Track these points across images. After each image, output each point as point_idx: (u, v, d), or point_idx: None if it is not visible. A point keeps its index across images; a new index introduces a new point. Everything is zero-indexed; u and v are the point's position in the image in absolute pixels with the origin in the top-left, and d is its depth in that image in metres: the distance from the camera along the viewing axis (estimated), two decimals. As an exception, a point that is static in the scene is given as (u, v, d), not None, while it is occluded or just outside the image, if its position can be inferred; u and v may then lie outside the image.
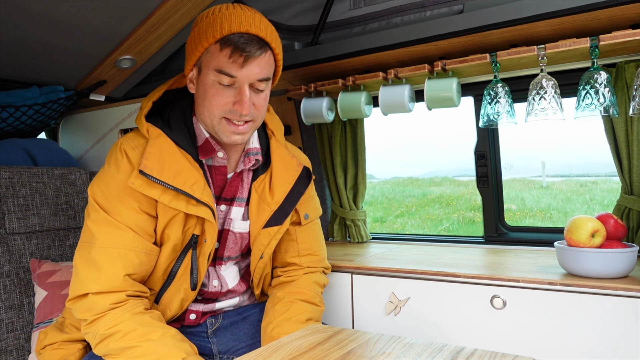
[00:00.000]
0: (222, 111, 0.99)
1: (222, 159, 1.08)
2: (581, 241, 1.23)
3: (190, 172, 1.00)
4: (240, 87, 0.98)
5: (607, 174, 8.14)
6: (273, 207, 1.09)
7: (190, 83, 1.06)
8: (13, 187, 1.48)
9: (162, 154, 0.99)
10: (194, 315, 1.15)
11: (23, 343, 1.38)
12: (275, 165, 1.12)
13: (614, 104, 1.34)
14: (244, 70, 0.96)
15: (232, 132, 1.00)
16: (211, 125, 1.02)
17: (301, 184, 1.14)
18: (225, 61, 0.95)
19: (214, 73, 0.97)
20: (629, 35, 1.25)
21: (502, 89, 1.47)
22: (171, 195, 0.98)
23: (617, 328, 1.16)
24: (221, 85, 0.97)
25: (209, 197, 1.01)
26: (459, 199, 8.45)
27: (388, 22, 1.60)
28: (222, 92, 0.98)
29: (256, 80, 0.98)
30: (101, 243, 0.98)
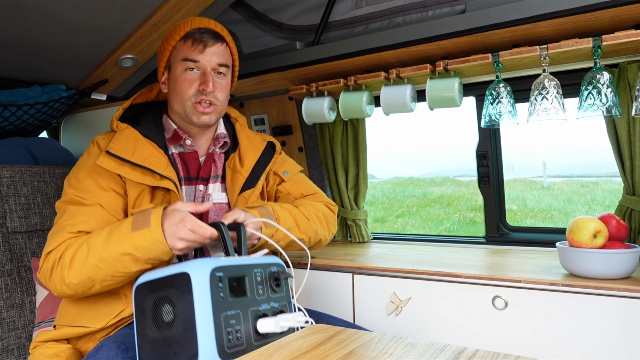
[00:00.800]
0: (191, 94, 1.16)
1: (191, 146, 1.23)
2: (583, 242, 1.22)
3: (155, 156, 1.14)
4: (203, 70, 1.16)
5: (608, 174, 8.14)
6: (245, 174, 1.24)
7: (162, 85, 1.24)
8: (14, 186, 1.48)
9: (128, 141, 1.14)
10: None
11: (24, 342, 1.38)
12: (242, 142, 1.29)
13: (616, 104, 1.34)
14: (204, 55, 1.15)
15: (200, 112, 1.17)
16: (183, 110, 1.18)
17: (267, 154, 1.31)
18: (188, 50, 1.16)
19: (181, 63, 1.16)
20: (632, 35, 1.25)
21: (504, 89, 1.47)
22: (138, 172, 1.12)
23: (619, 329, 1.15)
24: (188, 72, 1.16)
25: (172, 173, 1.14)
26: (460, 199, 8.45)
27: (390, 21, 1.59)
28: (189, 77, 1.16)
29: (217, 65, 1.17)
30: (68, 214, 1.10)
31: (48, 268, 1.04)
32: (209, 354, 0.79)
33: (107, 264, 0.99)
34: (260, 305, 0.91)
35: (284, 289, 0.97)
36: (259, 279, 0.93)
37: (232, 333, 0.83)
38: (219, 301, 0.83)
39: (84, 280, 1.01)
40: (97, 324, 1.09)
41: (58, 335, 1.12)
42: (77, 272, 1.01)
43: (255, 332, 0.87)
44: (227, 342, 0.82)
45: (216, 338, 0.80)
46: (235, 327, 0.84)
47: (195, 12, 1.56)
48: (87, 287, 1.03)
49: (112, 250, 0.99)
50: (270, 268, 0.96)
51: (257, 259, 0.96)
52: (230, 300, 0.85)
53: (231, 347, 0.82)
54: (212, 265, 0.86)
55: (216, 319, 0.81)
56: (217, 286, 0.84)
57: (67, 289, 1.03)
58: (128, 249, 0.97)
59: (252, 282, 0.91)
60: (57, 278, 1.03)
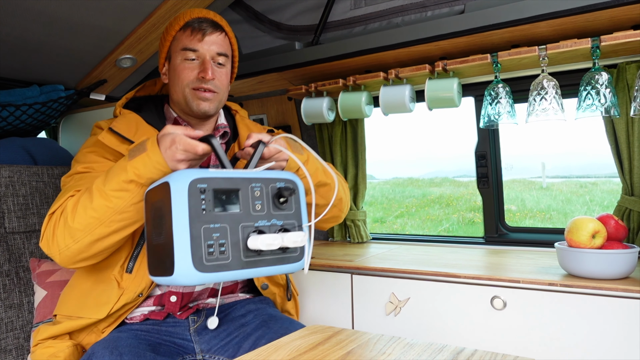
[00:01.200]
0: (190, 82, 1.15)
1: None
2: (582, 242, 1.22)
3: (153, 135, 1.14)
4: (203, 58, 1.16)
5: (606, 175, 8.15)
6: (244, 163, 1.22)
7: (163, 75, 1.25)
8: (13, 186, 1.47)
9: (129, 124, 1.16)
10: (174, 297, 1.15)
11: (22, 342, 1.37)
12: (242, 132, 1.30)
13: (615, 104, 1.34)
14: (203, 44, 1.15)
15: (199, 99, 1.16)
16: (183, 98, 1.17)
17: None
18: (188, 39, 1.16)
19: (181, 53, 1.16)
20: (630, 36, 1.25)
21: (503, 90, 1.47)
22: None
23: (618, 329, 1.15)
24: (187, 62, 1.16)
25: None
26: (459, 199, 8.46)
27: (389, 22, 1.59)
28: (189, 66, 1.16)
29: (215, 54, 1.17)
30: (74, 182, 1.08)
31: (51, 227, 1.01)
32: (184, 264, 0.78)
33: (114, 198, 0.95)
34: (258, 221, 0.86)
35: (292, 206, 0.91)
36: (258, 194, 0.87)
37: (213, 246, 0.81)
38: (198, 213, 0.80)
39: (90, 224, 0.96)
40: (97, 314, 1.08)
41: (59, 330, 1.11)
42: (82, 215, 0.97)
43: (245, 248, 0.84)
44: (207, 254, 0.80)
45: (192, 249, 0.78)
46: (218, 240, 0.81)
47: (194, 12, 1.57)
48: (94, 237, 0.97)
49: (114, 183, 0.94)
50: (275, 183, 0.90)
51: (258, 173, 0.90)
52: (214, 213, 0.82)
53: (211, 260, 0.80)
54: (193, 175, 0.82)
55: (193, 231, 0.79)
56: (198, 198, 0.81)
57: (72, 241, 0.98)
58: (130, 176, 0.93)
59: (247, 197, 0.86)
60: (61, 232, 0.99)
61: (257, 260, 0.85)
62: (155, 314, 1.16)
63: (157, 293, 1.16)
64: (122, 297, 1.09)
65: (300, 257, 0.91)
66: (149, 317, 1.15)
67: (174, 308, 1.16)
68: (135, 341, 1.06)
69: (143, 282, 1.11)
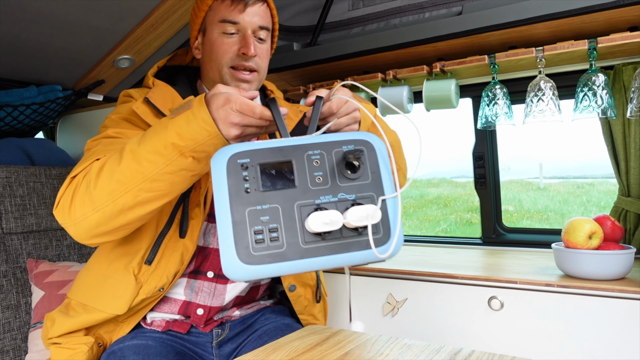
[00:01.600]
0: (229, 59, 1.04)
1: None
2: (578, 243, 1.23)
3: None
4: (244, 32, 1.05)
5: (603, 175, 8.17)
6: None
7: (195, 50, 1.13)
8: (10, 187, 1.47)
9: (165, 97, 1.04)
10: (201, 309, 1.07)
11: (20, 343, 1.37)
12: None
13: (611, 106, 1.34)
14: (245, 16, 1.03)
15: (239, 79, 1.05)
16: (219, 75, 1.06)
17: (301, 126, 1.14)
18: (227, 10, 1.04)
19: (218, 25, 1.04)
20: (627, 37, 1.26)
21: (501, 91, 1.48)
22: None
23: (614, 329, 1.16)
24: (226, 35, 1.04)
25: None
26: (457, 200, 8.47)
27: (387, 23, 1.60)
28: (228, 40, 1.04)
29: (257, 27, 1.05)
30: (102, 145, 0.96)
31: (70, 192, 0.87)
32: (228, 256, 0.67)
33: (147, 161, 0.80)
34: (319, 197, 0.70)
35: (368, 174, 0.72)
36: (317, 163, 0.71)
37: (262, 232, 0.67)
38: (240, 194, 0.68)
39: (115, 191, 0.82)
40: (116, 309, 0.98)
41: (76, 325, 1.01)
42: (106, 180, 0.82)
43: (304, 232, 0.68)
44: (254, 242, 0.67)
45: (235, 238, 0.66)
46: (268, 225, 0.68)
47: (192, 13, 1.57)
48: (117, 206, 0.83)
49: (150, 144, 0.80)
50: (339, 147, 0.73)
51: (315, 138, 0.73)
52: (262, 192, 0.68)
53: (261, 249, 0.67)
54: (233, 150, 0.70)
55: (236, 215, 0.67)
56: (240, 176, 0.68)
57: (92, 209, 0.83)
58: (170, 138, 0.79)
59: (304, 169, 0.71)
60: (80, 199, 0.85)
61: (321, 247, 0.69)
62: (178, 324, 1.08)
63: (183, 298, 1.07)
64: (142, 291, 0.99)
65: (385, 240, 0.71)
66: (172, 329, 1.07)
67: (199, 321, 1.08)
68: (164, 349, 1.00)
69: (164, 276, 1.00)
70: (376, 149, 0.74)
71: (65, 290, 1.39)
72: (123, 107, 1.06)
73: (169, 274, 1.01)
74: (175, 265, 1.02)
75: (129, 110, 1.04)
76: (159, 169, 0.81)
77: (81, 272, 1.11)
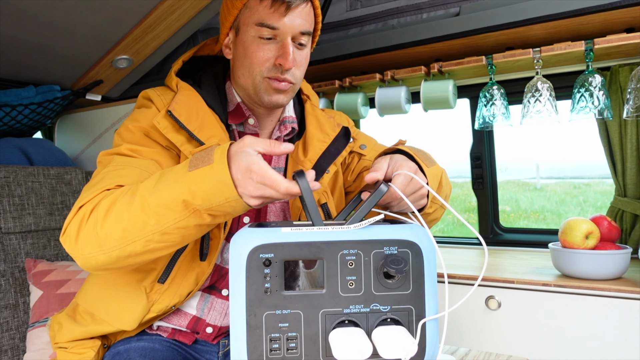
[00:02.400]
0: (265, 68, 0.93)
1: (253, 126, 1.02)
2: (575, 242, 1.24)
3: (216, 128, 0.94)
4: (282, 40, 0.92)
5: (600, 176, 8.19)
6: (308, 166, 1.00)
7: (226, 48, 1.00)
8: (8, 187, 1.47)
9: (189, 106, 0.94)
10: (210, 328, 1.03)
11: (18, 343, 1.37)
12: (310, 126, 1.05)
13: (608, 106, 1.35)
14: (285, 21, 0.90)
15: (274, 90, 0.94)
16: (252, 85, 0.95)
17: (339, 142, 1.06)
18: (266, 12, 0.90)
19: (254, 28, 0.92)
20: (623, 39, 1.27)
21: (498, 91, 1.49)
22: (193, 146, 0.92)
23: (611, 329, 1.17)
24: (262, 40, 0.92)
25: None
26: (454, 200, 8.47)
27: (384, 24, 1.60)
28: (264, 47, 0.92)
29: (299, 33, 0.92)
30: (115, 164, 0.88)
31: (76, 225, 0.80)
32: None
33: (157, 215, 0.73)
34: (349, 305, 0.61)
35: (409, 284, 0.62)
36: (351, 264, 0.61)
37: (278, 340, 0.60)
38: (259, 295, 0.60)
39: (123, 239, 0.76)
40: (125, 325, 0.94)
41: (85, 334, 0.98)
42: (114, 225, 0.76)
43: (327, 344, 0.60)
44: (268, 351, 0.60)
45: (247, 344, 0.59)
46: (287, 333, 0.60)
47: (190, 14, 1.57)
48: (125, 253, 0.77)
49: (161, 197, 0.73)
50: (379, 248, 0.62)
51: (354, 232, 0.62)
52: (283, 294, 0.60)
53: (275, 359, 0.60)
54: (255, 241, 0.61)
55: (251, 319, 0.60)
56: (261, 273, 0.60)
57: (99, 251, 0.77)
58: (182, 194, 0.71)
59: (335, 270, 0.61)
60: (86, 237, 0.78)
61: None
62: (184, 335, 1.03)
63: (194, 313, 1.02)
64: (153, 309, 0.94)
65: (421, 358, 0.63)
66: (177, 338, 1.03)
67: (208, 337, 1.04)
68: (170, 354, 0.98)
69: (177, 295, 0.95)
70: (423, 254, 0.64)
71: (63, 290, 1.39)
72: (142, 116, 0.96)
73: (182, 294, 0.96)
74: (189, 286, 0.97)
75: (149, 123, 0.94)
76: (169, 224, 0.74)
77: (91, 276, 1.05)
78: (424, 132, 17.48)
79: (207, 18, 1.68)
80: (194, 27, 1.67)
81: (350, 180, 1.12)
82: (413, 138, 1.02)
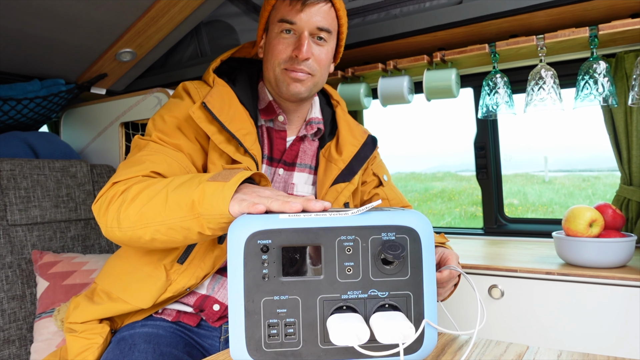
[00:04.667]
0: (282, 60, 1.01)
1: (283, 124, 1.09)
2: (579, 231, 1.23)
3: (245, 122, 1.01)
4: (300, 34, 1.00)
5: (609, 168, 8.12)
6: (341, 165, 1.09)
7: (260, 49, 1.10)
8: (14, 179, 1.49)
9: (223, 100, 1.01)
10: (217, 305, 1.04)
11: (25, 333, 1.39)
12: (342, 130, 1.14)
13: (613, 94, 1.34)
14: (302, 16, 0.99)
15: (291, 79, 1.01)
16: (274, 77, 1.03)
17: (367, 148, 1.16)
18: (286, 9, 1.00)
19: (277, 25, 1.01)
20: (629, 24, 1.25)
21: (501, 80, 1.47)
22: (224, 137, 0.99)
23: (615, 317, 1.16)
24: (283, 34, 1.01)
25: (257, 151, 1.01)
26: (461, 193, 8.45)
27: (387, 13, 1.59)
28: (284, 41, 1.01)
29: (316, 28, 1.00)
30: (149, 149, 0.96)
31: (107, 199, 0.88)
32: (237, 347, 0.60)
33: (170, 209, 0.79)
34: (346, 291, 0.61)
35: (407, 270, 0.62)
36: (348, 250, 0.62)
37: (276, 326, 0.60)
38: (257, 281, 0.60)
39: (138, 222, 0.83)
40: (141, 303, 0.98)
41: (99, 314, 1.01)
42: (135, 209, 0.83)
43: (325, 330, 0.61)
44: (267, 337, 0.60)
45: (246, 330, 0.60)
46: (284, 319, 0.60)
47: (193, 6, 1.57)
48: (136, 234, 0.84)
49: (179, 195, 0.79)
50: (377, 234, 0.62)
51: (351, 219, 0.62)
52: (281, 280, 0.61)
53: (273, 345, 0.60)
54: (253, 227, 0.61)
55: (249, 305, 0.60)
56: (259, 259, 0.60)
57: (117, 227, 0.86)
58: (193, 196, 0.76)
59: (333, 256, 0.61)
60: (113, 211, 0.86)
61: (341, 350, 0.61)
62: (188, 317, 1.05)
63: (203, 292, 1.04)
64: (170, 288, 0.98)
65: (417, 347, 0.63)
66: (182, 320, 1.05)
67: (212, 316, 1.05)
68: (174, 340, 1.00)
69: (194, 276, 0.99)
70: (421, 239, 0.63)
71: (69, 281, 1.40)
72: (177, 107, 1.03)
73: (199, 276, 0.99)
74: (206, 269, 1.00)
75: (185, 114, 1.01)
76: (176, 221, 0.79)
77: (112, 259, 1.10)
78: (431, 126, 17.31)
79: (210, 10, 1.68)
80: (197, 19, 1.67)
81: (362, 197, 1.20)
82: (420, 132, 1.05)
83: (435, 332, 0.64)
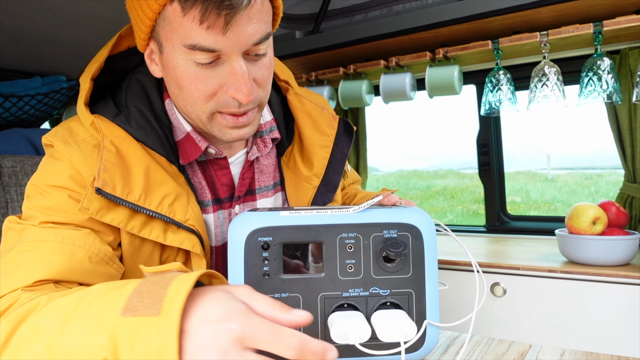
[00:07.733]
0: (212, 103, 0.65)
1: (217, 155, 0.75)
2: (582, 228, 1.22)
3: (165, 183, 0.68)
4: (229, 61, 0.62)
5: (612, 166, 8.09)
6: (315, 183, 0.80)
7: (152, 64, 0.69)
8: (16, 176, 1.49)
9: (122, 160, 0.67)
10: None
11: (27, 330, 1.39)
12: (304, 128, 0.80)
13: (617, 90, 1.33)
14: (229, 37, 0.59)
15: (231, 127, 0.68)
16: (199, 120, 0.68)
17: (343, 142, 0.83)
18: (195, 30, 0.58)
19: (183, 50, 0.60)
20: (633, 20, 1.24)
21: (504, 76, 1.47)
22: (141, 220, 0.67)
23: (618, 315, 1.15)
24: (200, 67, 0.62)
25: (195, 218, 0.70)
26: (464, 191, 8.43)
27: (389, 9, 1.59)
28: (204, 75, 0.62)
29: (252, 46, 0.61)
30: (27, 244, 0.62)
31: None
32: None
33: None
34: (348, 289, 0.60)
35: (409, 267, 0.61)
36: (350, 248, 0.60)
37: None
38: (258, 279, 0.59)
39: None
40: None
41: None
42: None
43: (326, 328, 0.59)
44: None
45: None
46: None
47: (194, 2, 1.57)
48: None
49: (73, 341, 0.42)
50: (379, 231, 0.61)
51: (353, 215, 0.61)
52: (282, 277, 0.59)
53: None
54: (254, 224, 0.59)
55: None
56: (260, 257, 0.59)
57: None
58: (102, 351, 0.40)
59: (334, 254, 0.60)
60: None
61: (342, 347, 0.60)
62: None
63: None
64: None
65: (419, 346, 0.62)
66: None
67: None
68: None
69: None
70: (423, 237, 0.61)
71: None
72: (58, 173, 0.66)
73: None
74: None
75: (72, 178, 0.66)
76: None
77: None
78: (433, 124, 17.31)
79: (211, 6, 1.67)
80: (198, 15, 1.67)
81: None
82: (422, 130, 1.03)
83: (437, 331, 0.63)
